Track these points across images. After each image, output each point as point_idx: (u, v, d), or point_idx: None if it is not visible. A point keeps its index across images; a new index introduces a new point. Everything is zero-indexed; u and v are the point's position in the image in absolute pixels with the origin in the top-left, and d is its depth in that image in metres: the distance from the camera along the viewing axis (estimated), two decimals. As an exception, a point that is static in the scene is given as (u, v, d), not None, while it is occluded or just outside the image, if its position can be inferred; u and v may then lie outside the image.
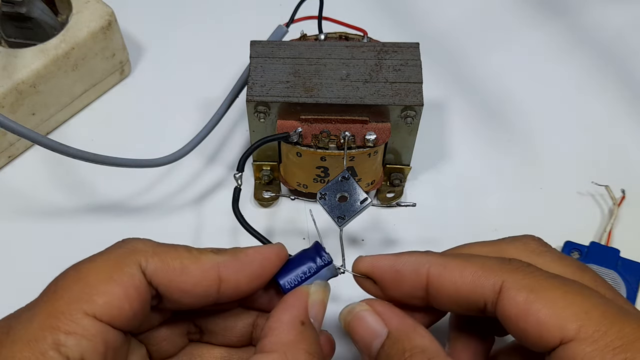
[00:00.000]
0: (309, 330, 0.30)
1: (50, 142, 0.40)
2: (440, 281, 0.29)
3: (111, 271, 0.28)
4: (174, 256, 0.30)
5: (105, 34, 0.50)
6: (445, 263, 0.29)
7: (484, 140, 0.52)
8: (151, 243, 0.30)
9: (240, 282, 0.31)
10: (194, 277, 0.30)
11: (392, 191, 0.48)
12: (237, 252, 0.31)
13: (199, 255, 0.30)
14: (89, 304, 0.27)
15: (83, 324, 0.27)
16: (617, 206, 0.47)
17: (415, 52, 0.43)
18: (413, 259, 0.30)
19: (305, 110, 0.42)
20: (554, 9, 0.59)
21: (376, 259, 0.32)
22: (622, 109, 0.53)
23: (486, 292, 0.28)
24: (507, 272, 0.28)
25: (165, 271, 0.29)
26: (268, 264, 0.32)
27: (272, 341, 0.29)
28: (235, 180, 0.40)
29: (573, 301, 0.26)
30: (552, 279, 0.27)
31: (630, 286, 0.43)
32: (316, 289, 0.32)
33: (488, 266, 0.28)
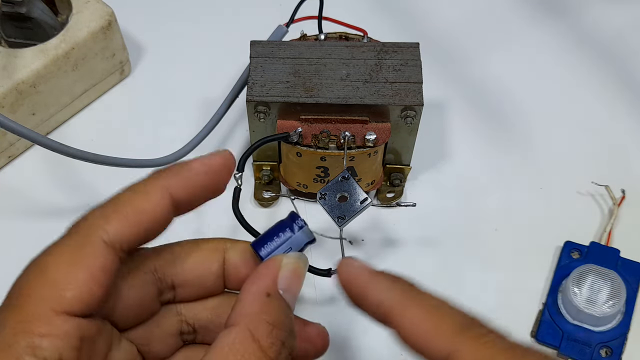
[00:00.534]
0: (274, 302, 0.29)
1: (50, 142, 0.40)
2: (397, 326, 0.28)
3: (73, 259, 0.27)
4: (125, 206, 0.29)
5: (105, 34, 0.50)
6: (406, 309, 0.28)
7: (484, 140, 0.52)
8: (99, 211, 0.29)
9: (192, 196, 0.31)
10: (151, 213, 0.29)
11: (392, 191, 0.48)
12: (180, 168, 0.31)
13: (144, 189, 0.30)
14: (58, 300, 0.26)
15: (56, 324, 0.26)
16: (617, 206, 0.47)
17: (415, 52, 0.43)
18: (380, 289, 0.29)
19: (305, 110, 0.42)
20: (554, 9, 0.59)
21: (352, 278, 0.30)
22: (622, 109, 0.53)
23: (436, 354, 0.26)
24: (461, 340, 0.26)
25: (126, 227, 0.28)
26: (215, 173, 0.31)
27: (236, 313, 0.28)
28: (235, 180, 0.40)
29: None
30: (507, 354, 0.26)
31: (630, 286, 0.43)
32: (288, 260, 0.31)
33: (445, 327, 0.27)
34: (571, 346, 0.42)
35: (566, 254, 0.45)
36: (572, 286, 0.42)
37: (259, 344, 0.27)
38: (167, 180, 0.30)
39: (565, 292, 0.43)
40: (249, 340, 0.27)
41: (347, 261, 0.31)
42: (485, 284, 0.45)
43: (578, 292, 0.42)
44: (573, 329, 0.42)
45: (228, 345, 0.27)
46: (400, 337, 0.28)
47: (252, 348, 0.27)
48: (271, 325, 0.28)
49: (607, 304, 0.41)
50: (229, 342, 0.27)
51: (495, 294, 0.44)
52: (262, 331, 0.28)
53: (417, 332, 0.27)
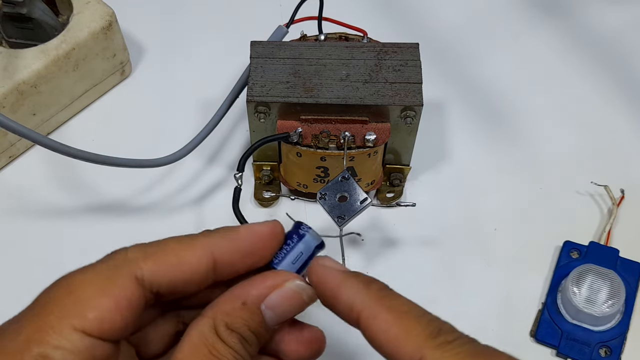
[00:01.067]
0: (244, 312, 0.30)
1: (50, 142, 0.40)
2: (367, 329, 0.28)
3: (103, 284, 0.28)
4: (166, 252, 0.30)
5: (106, 34, 0.50)
6: (376, 314, 0.28)
7: (483, 140, 0.52)
8: (141, 247, 0.30)
9: (235, 261, 0.31)
10: (190, 266, 0.30)
11: (392, 191, 0.48)
12: (228, 231, 0.31)
13: (190, 242, 0.30)
14: (79, 319, 0.27)
15: (71, 339, 0.27)
16: (617, 206, 0.47)
17: (415, 52, 0.43)
18: (352, 292, 0.29)
19: (305, 110, 0.42)
20: (553, 9, 0.59)
21: (324, 277, 0.30)
22: (622, 109, 0.53)
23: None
24: (429, 347, 0.26)
25: (162, 271, 0.29)
26: (261, 240, 0.31)
27: (211, 304, 0.30)
28: (236, 180, 0.40)
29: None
30: (473, 356, 0.26)
31: (629, 286, 0.43)
32: (291, 284, 0.31)
33: (413, 334, 0.27)
34: (570, 346, 0.42)
35: (565, 253, 0.45)
36: (571, 286, 0.42)
37: (221, 337, 0.29)
38: (214, 240, 0.30)
39: (564, 291, 0.43)
40: (214, 333, 0.29)
41: (320, 261, 0.31)
42: (485, 283, 0.45)
43: (577, 291, 0.42)
44: (572, 328, 0.42)
45: (197, 335, 0.29)
46: (370, 340, 0.28)
47: (217, 340, 0.29)
48: (228, 328, 0.29)
49: (607, 304, 0.41)
50: (198, 330, 0.29)
51: (495, 294, 0.45)
52: (222, 330, 0.29)
53: (387, 337, 0.27)
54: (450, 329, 0.28)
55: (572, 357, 0.42)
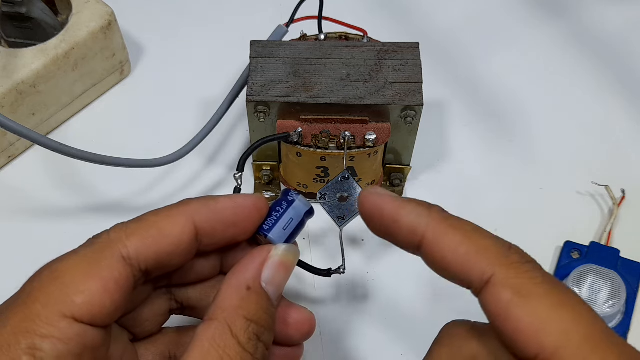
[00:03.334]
0: (253, 296, 0.29)
1: (50, 142, 0.40)
2: (433, 248, 0.27)
3: (89, 267, 0.27)
4: (148, 226, 0.29)
5: (105, 34, 0.50)
6: (444, 232, 0.27)
7: (483, 140, 0.52)
8: (122, 227, 0.29)
9: (216, 230, 0.30)
10: (173, 237, 0.29)
11: (392, 191, 0.48)
12: (208, 199, 0.31)
13: (169, 213, 0.30)
14: (67, 305, 0.26)
15: (60, 327, 0.26)
16: (617, 206, 0.47)
17: (415, 52, 0.43)
18: (413, 214, 0.28)
19: (305, 110, 0.42)
20: (553, 9, 0.59)
21: (381, 203, 0.29)
22: (622, 109, 0.53)
23: (474, 277, 0.26)
24: (501, 264, 0.26)
25: (146, 246, 0.28)
26: (244, 212, 0.31)
27: (216, 306, 0.29)
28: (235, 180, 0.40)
29: (559, 316, 0.24)
30: (545, 285, 0.25)
31: (630, 286, 0.43)
32: (276, 252, 0.30)
33: (484, 251, 0.26)
34: (571, 346, 0.42)
35: (566, 254, 0.45)
36: (572, 286, 0.42)
37: (237, 339, 0.28)
38: (194, 208, 0.30)
39: (565, 292, 0.43)
40: (228, 335, 0.27)
41: (370, 189, 0.30)
42: (485, 284, 0.45)
43: (578, 292, 0.42)
44: (573, 329, 0.42)
45: (208, 340, 0.27)
46: (435, 262, 0.27)
47: (231, 343, 0.27)
48: (248, 320, 0.28)
49: (607, 304, 0.41)
50: (208, 336, 0.27)
51: (495, 294, 0.44)
52: (240, 326, 0.28)
53: (455, 256, 0.27)
54: (520, 250, 0.27)
55: (572, 358, 0.41)
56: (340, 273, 0.38)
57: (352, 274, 0.45)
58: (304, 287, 0.45)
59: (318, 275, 0.39)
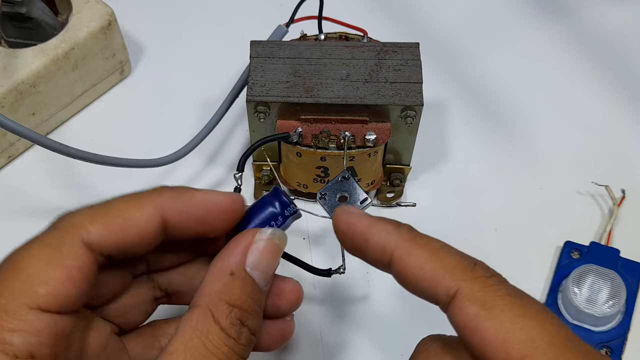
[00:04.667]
0: (237, 281, 0.29)
1: (50, 142, 0.40)
2: (402, 266, 0.28)
3: (51, 256, 0.27)
4: (114, 213, 0.28)
5: (105, 34, 0.50)
6: (412, 250, 0.28)
7: (484, 140, 0.52)
8: (87, 211, 0.29)
9: (186, 225, 0.30)
10: (139, 227, 0.28)
11: (392, 191, 0.48)
12: (183, 192, 0.30)
13: (138, 201, 0.29)
14: (32, 296, 0.26)
15: (28, 319, 0.25)
16: (617, 206, 0.47)
17: (415, 52, 0.43)
18: (383, 233, 0.29)
19: (305, 110, 0.42)
20: (553, 9, 0.59)
21: (353, 222, 0.30)
22: (622, 109, 0.53)
23: (440, 293, 0.27)
24: (466, 279, 0.26)
25: (110, 234, 0.28)
26: (219, 210, 0.30)
27: (199, 293, 0.28)
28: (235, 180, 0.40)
29: (523, 326, 0.25)
30: (509, 297, 0.26)
31: (630, 286, 0.43)
32: (261, 236, 0.30)
33: (450, 268, 0.27)
34: (571, 346, 0.42)
35: (566, 254, 0.45)
36: (572, 286, 0.42)
37: (219, 325, 0.27)
38: (165, 199, 0.29)
39: (565, 292, 0.43)
40: (210, 321, 0.27)
41: (344, 208, 0.31)
42: (485, 284, 0.45)
43: (578, 292, 0.42)
44: (573, 328, 0.42)
45: (191, 328, 0.27)
46: (404, 279, 0.28)
47: (213, 328, 0.27)
48: (230, 305, 0.28)
49: (607, 304, 0.41)
50: (191, 324, 0.27)
51: (495, 294, 0.44)
52: (222, 312, 0.28)
53: (422, 273, 0.27)
54: (485, 265, 0.28)
55: (572, 358, 0.41)
56: (340, 273, 0.38)
57: (352, 274, 0.45)
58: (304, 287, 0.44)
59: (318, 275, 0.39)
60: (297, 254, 0.37)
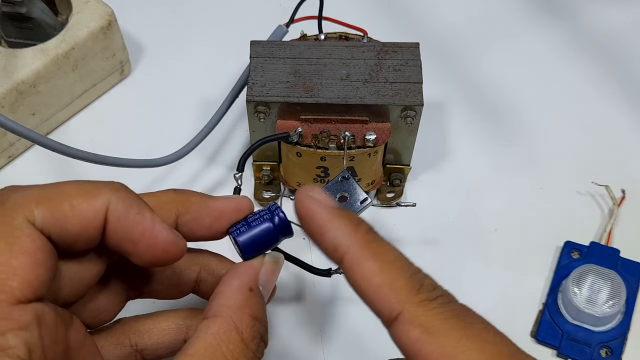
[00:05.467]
0: (255, 297, 0.30)
1: (50, 142, 0.40)
2: (350, 273, 0.28)
3: (9, 244, 0.26)
4: (62, 199, 0.27)
5: (105, 34, 0.50)
6: (363, 258, 0.27)
7: (484, 140, 0.52)
8: (34, 190, 0.27)
9: (121, 236, 0.28)
10: (84, 219, 0.27)
11: (392, 191, 0.48)
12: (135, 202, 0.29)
13: (91, 192, 0.28)
14: (8, 292, 0.25)
15: (14, 317, 0.25)
16: (617, 206, 0.47)
17: (415, 52, 0.43)
18: (338, 232, 0.28)
19: (305, 110, 0.42)
20: (553, 9, 0.59)
21: (313, 211, 0.29)
22: (622, 109, 0.53)
23: (383, 311, 0.27)
24: (410, 302, 0.26)
25: (54, 220, 0.27)
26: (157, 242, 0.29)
27: (219, 304, 0.29)
28: (235, 180, 0.40)
29: (464, 349, 0.25)
30: (451, 320, 0.26)
31: (630, 286, 0.43)
32: (269, 259, 0.32)
33: (395, 288, 0.26)
34: (571, 346, 0.42)
35: (566, 254, 0.45)
36: (572, 286, 0.42)
37: (242, 336, 0.28)
38: (117, 197, 0.29)
39: (565, 292, 0.43)
40: (233, 332, 0.28)
41: (309, 192, 0.29)
42: (485, 283, 0.45)
43: (578, 292, 0.42)
44: (573, 329, 0.42)
45: (213, 335, 0.28)
46: (351, 284, 0.28)
47: (236, 339, 0.28)
48: (253, 319, 0.29)
49: (607, 304, 0.41)
50: (213, 331, 0.28)
51: (495, 294, 0.44)
52: (246, 324, 0.28)
53: (369, 286, 0.27)
54: (432, 284, 0.27)
55: (572, 358, 0.42)
56: (340, 273, 0.38)
57: (352, 274, 0.45)
58: (304, 287, 0.45)
59: (318, 275, 0.39)
60: (297, 254, 0.37)
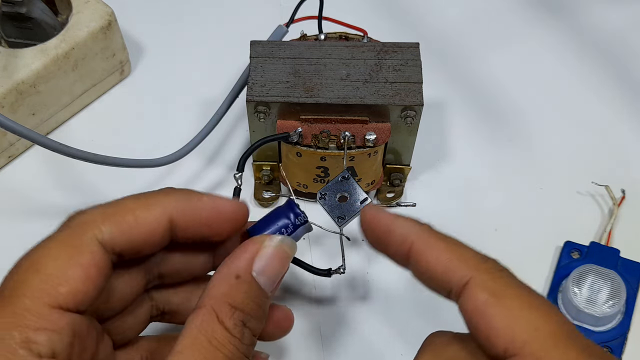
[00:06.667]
0: (242, 285, 0.29)
1: (50, 142, 0.40)
2: (419, 256, 0.30)
3: (68, 255, 0.28)
4: (124, 212, 0.29)
5: (105, 34, 0.50)
6: (430, 242, 0.30)
7: (484, 140, 0.52)
8: (98, 209, 0.30)
9: (192, 227, 0.31)
10: (148, 227, 0.29)
11: (392, 191, 0.48)
12: (190, 195, 0.31)
13: (147, 201, 0.30)
14: (53, 296, 0.26)
15: (51, 319, 0.26)
16: (617, 206, 0.47)
17: (415, 52, 0.43)
18: (405, 226, 0.31)
19: (305, 110, 0.42)
20: (554, 9, 0.59)
21: (379, 215, 0.32)
22: (622, 109, 0.53)
23: (453, 281, 0.28)
24: (479, 270, 0.28)
25: (121, 232, 0.29)
26: (223, 216, 0.31)
27: (204, 295, 0.29)
28: (235, 180, 0.40)
29: (528, 315, 0.27)
30: (517, 288, 0.28)
31: (630, 286, 0.43)
32: (270, 242, 0.31)
33: (464, 258, 0.29)
34: (571, 346, 0.42)
35: (566, 254, 0.45)
36: (572, 286, 0.42)
37: (223, 325, 0.28)
38: (173, 201, 0.30)
39: (565, 292, 0.43)
40: (215, 321, 0.28)
41: (371, 205, 0.34)
42: (485, 284, 0.45)
43: (578, 292, 0.42)
44: (573, 329, 0.42)
45: (196, 327, 0.28)
46: (421, 268, 0.30)
47: (217, 328, 0.28)
48: (233, 307, 0.29)
49: (607, 304, 0.41)
50: (197, 323, 0.28)
51: (495, 294, 0.44)
52: (225, 313, 0.29)
53: (439, 262, 0.29)
54: (497, 261, 0.30)
55: (572, 358, 0.41)
56: (340, 273, 0.38)
57: (352, 274, 0.45)
58: (304, 287, 0.45)
59: (318, 275, 0.39)
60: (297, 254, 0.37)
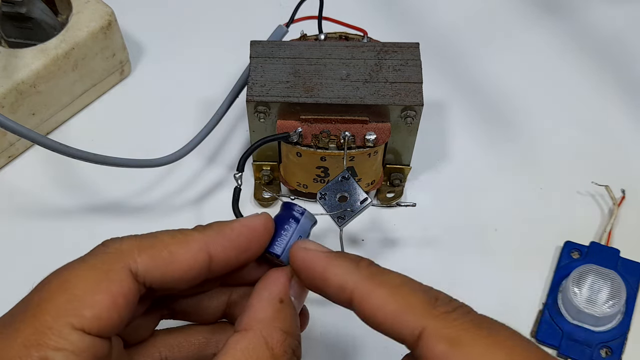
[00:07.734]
0: (287, 309, 0.29)
1: (50, 142, 0.40)
2: (363, 306, 0.28)
3: (98, 280, 0.27)
4: (161, 247, 0.29)
5: (105, 34, 0.50)
6: (371, 290, 0.27)
7: (484, 140, 0.52)
8: (135, 240, 0.29)
9: (229, 257, 0.30)
10: (184, 263, 0.29)
11: (392, 191, 0.48)
12: (222, 226, 0.30)
13: (184, 238, 0.29)
14: (77, 317, 0.26)
15: (72, 340, 0.26)
16: (617, 206, 0.47)
17: (415, 52, 0.43)
18: (341, 272, 0.28)
19: (305, 110, 0.42)
20: (554, 8, 0.59)
21: (309, 260, 0.29)
22: (622, 109, 0.53)
23: (406, 334, 0.26)
24: (430, 317, 0.26)
25: (156, 266, 0.28)
26: (256, 235, 0.31)
27: (250, 318, 0.29)
28: (235, 180, 0.40)
29: (494, 357, 0.25)
30: (475, 330, 0.26)
31: (630, 286, 0.43)
32: None
33: (411, 306, 0.27)
34: (571, 346, 0.42)
35: (566, 254, 0.45)
36: (572, 286, 0.42)
37: (272, 352, 0.27)
38: (209, 237, 0.30)
39: (565, 292, 0.43)
40: (263, 347, 0.27)
41: (301, 244, 0.30)
42: (485, 284, 0.45)
43: (578, 292, 0.42)
44: (573, 329, 0.42)
45: (242, 350, 0.27)
46: (366, 319, 0.28)
47: (265, 355, 0.27)
48: (285, 333, 0.28)
49: (607, 304, 0.41)
50: (242, 347, 0.27)
51: (495, 294, 0.44)
52: (276, 339, 0.28)
53: (384, 314, 0.27)
54: (447, 298, 0.27)
55: (572, 358, 0.42)
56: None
57: (352, 274, 0.45)
58: (304, 287, 0.45)
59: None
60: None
